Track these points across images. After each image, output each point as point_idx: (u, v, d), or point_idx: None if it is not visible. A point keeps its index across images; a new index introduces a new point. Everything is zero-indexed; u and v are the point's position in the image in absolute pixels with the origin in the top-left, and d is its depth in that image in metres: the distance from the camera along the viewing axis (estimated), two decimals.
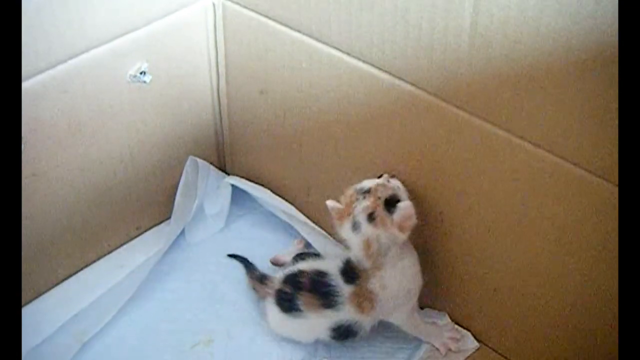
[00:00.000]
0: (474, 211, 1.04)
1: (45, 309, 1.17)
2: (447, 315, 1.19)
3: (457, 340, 1.15)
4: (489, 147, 0.95)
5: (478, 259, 1.08)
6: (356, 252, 1.04)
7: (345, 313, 1.07)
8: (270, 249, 1.32)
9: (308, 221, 1.30)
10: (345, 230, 1.04)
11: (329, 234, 1.27)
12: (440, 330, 1.15)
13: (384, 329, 1.16)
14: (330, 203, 1.05)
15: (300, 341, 1.17)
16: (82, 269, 1.25)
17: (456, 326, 1.18)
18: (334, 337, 1.11)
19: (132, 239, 1.32)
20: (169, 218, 1.33)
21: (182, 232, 1.34)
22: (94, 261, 1.27)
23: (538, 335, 1.07)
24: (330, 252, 1.22)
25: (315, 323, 1.10)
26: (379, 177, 1.06)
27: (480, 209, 1.03)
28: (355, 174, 1.17)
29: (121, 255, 1.29)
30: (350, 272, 1.07)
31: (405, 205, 1.00)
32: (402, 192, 1.05)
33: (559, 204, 0.92)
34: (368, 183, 1.04)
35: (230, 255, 1.31)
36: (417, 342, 1.16)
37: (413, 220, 1.01)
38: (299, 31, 1.09)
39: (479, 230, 1.05)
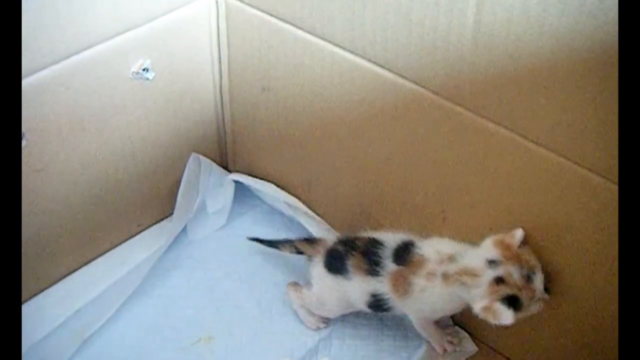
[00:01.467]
0: (476, 210, 1.04)
1: (46, 306, 1.17)
2: (449, 317, 1.19)
3: (454, 344, 1.15)
4: (491, 145, 0.95)
5: None
6: None
7: (384, 286, 1.07)
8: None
9: (314, 215, 1.30)
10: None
11: (333, 227, 1.27)
12: (442, 333, 1.15)
13: (384, 326, 1.16)
14: None
15: (333, 313, 1.19)
16: (83, 265, 1.25)
17: (457, 328, 1.18)
18: (370, 305, 1.11)
19: (133, 235, 1.32)
20: (170, 215, 1.33)
21: (184, 230, 1.34)
22: (96, 258, 1.27)
23: (539, 335, 1.07)
24: None
25: (357, 286, 1.10)
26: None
27: (483, 208, 1.03)
28: (356, 171, 1.17)
29: (123, 252, 1.29)
30: (402, 254, 1.07)
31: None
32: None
33: (561, 203, 0.92)
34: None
35: (254, 239, 1.30)
36: (418, 341, 1.16)
37: None
38: (301, 29, 1.09)
39: (480, 229, 1.04)
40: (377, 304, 1.09)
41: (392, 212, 1.17)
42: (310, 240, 1.22)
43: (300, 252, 1.22)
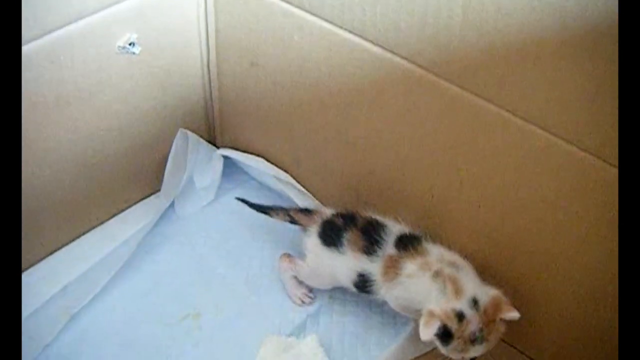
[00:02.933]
0: (464, 187, 1.04)
1: (33, 282, 1.16)
2: None
3: None
4: (481, 122, 0.95)
5: (468, 234, 1.07)
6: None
7: (374, 267, 1.07)
8: (259, 223, 1.31)
9: (303, 189, 1.30)
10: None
11: (322, 203, 1.27)
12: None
13: (372, 303, 1.16)
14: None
15: (324, 285, 1.19)
16: (70, 242, 1.24)
17: None
18: (355, 284, 1.11)
19: (120, 211, 1.32)
20: (158, 191, 1.33)
21: (172, 205, 1.34)
22: (83, 234, 1.26)
23: (529, 312, 1.07)
24: None
25: (347, 262, 1.10)
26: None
27: (471, 185, 1.03)
28: (345, 147, 1.17)
29: (110, 228, 1.29)
30: (406, 242, 1.07)
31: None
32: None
33: (550, 181, 0.92)
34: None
35: (242, 200, 1.29)
36: (406, 317, 1.16)
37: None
38: (290, 3, 1.08)
39: (470, 206, 1.04)
40: (362, 284, 1.09)
41: (380, 189, 1.17)
42: (306, 211, 1.22)
43: (293, 222, 1.21)
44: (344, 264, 1.10)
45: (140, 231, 1.26)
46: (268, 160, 1.34)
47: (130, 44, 1.11)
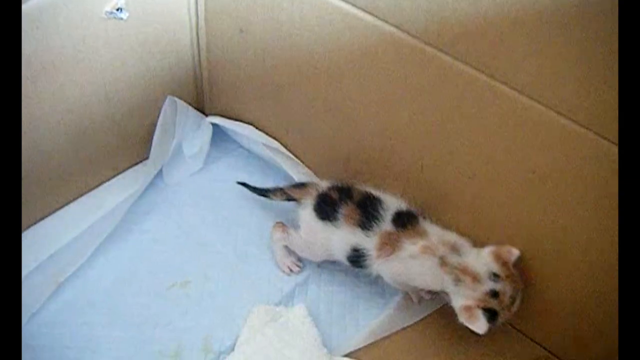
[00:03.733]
0: (455, 158, 1.03)
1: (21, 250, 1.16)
2: None
3: (432, 293, 1.15)
4: (472, 92, 0.94)
5: (459, 207, 1.07)
6: None
7: (369, 241, 1.07)
8: (248, 191, 1.31)
9: (292, 156, 1.30)
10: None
11: (311, 169, 1.26)
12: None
13: (361, 273, 1.16)
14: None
15: (316, 257, 1.19)
16: (57, 209, 1.23)
17: None
18: (349, 258, 1.11)
19: (108, 179, 1.31)
20: (146, 159, 1.32)
21: (160, 173, 1.33)
22: (70, 202, 1.25)
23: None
24: None
25: (342, 236, 1.10)
26: None
27: (462, 156, 1.02)
28: (334, 115, 1.16)
29: (97, 196, 1.28)
30: (404, 219, 1.07)
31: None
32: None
33: (542, 153, 0.92)
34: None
35: (242, 184, 1.30)
36: (395, 288, 1.16)
37: None
38: None
39: (460, 177, 1.04)
40: (356, 259, 1.10)
41: (369, 158, 1.17)
42: (300, 185, 1.22)
43: (290, 199, 1.21)
44: (338, 237, 1.11)
45: (128, 199, 1.25)
46: (257, 128, 1.33)
47: (117, 9, 1.09)
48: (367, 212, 1.08)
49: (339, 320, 1.16)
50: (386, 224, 1.07)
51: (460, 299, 0.99)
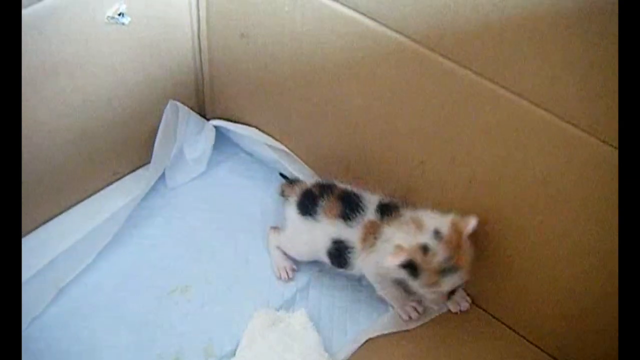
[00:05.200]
0: (456, 162, 1.03)
1: (22, 255, 1.16)
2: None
3: (419, 312, 1.15)
4: (474, 97, 0.94)
5: (458, 210, 1.07)
6: None
7: (351, 232, 1.08)
8: (249, 195, 1.31)
9: (297, 158, 1.30)
10: None
11: (317, 173, 1.27)
12: (405, 299, 1.14)
13: (362, 278, 1.16)
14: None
15: (301, 256, 1.20)
16: (59, 214, 1.23)
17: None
18: (330, 253, 1.12)
19: (110, 184, 1.31)
20: (147, 163, 1.32)
21: (162, 178, 1.33)
22: (72, 206, 1.25)
23: (521, 289, 1.08)
24: None
25: (324, 229, 1.11)
26: None
27: (463, 160, 1.02)
28: (336, 119, 1.16)
29: (99, 200, 1.28)
30: (386, 209, 1.08)
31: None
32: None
33: (542, 157, 0.92)
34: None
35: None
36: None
37: None
38: None
39: (460, 181, 1.04)
40: (337, 253, 1.10)
41: (371, 162, 1.17)
42: (290, 182, 1.24)
43: (283, 194, 1.23)
44: (320, 232, 1.11)
45: (130, 203, 1.25)
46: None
47: (119, 14, 1.09)
48: (349, 204, 1.09)
49: (340, 324, 1.16)
50: (370, 214, 1.08)
51: (397, 241, 0.99)
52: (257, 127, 1.33)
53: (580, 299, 1.00)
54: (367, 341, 1.11)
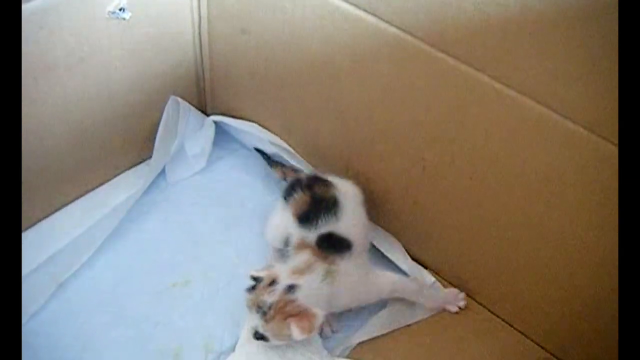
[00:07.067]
0: (456, 158, 1.03)
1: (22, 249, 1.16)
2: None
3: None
4: (474, 93, 0.94)
5: (460, 207, 1.07)
6: None
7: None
8: (249, 191, 1.31)
9: (296, 153, 1.30)
10: None
11: (315, 168, 1.27)
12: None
13: None
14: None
15: (274, 241, 1.19)
16: (59, 209, 1.23)
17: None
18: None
19: (110, 179, 1.31)
20: (148, 158, 1.32)
21: (162, 173, 1.33)
22: (72, 201, 1.25)
23: (520, 286, 1.08)
24: None
25: (285, 219, 1.13)
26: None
27: (464, 157, 1.02)
28: (336, 115, 1.16)
29: (99, 195, 1.28)
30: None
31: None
32: None
33: (543, 154, 0.92)
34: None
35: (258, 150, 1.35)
36: None
37: None
38: None
39: (461, 178, 1.04)
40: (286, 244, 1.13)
41: (371, 159, 1.17)
42: (294, 169, 1.27)
43: (285, 179, 1.26)
44: (283, 217, 1.13)
45: (130, 198, 1.25)
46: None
47: (120, 9, 1.09)
48: (312, 211, 1.09)
49: (340, 318, 1.16)
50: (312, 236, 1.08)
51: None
52: (257, 123, 1.33)
53: (580, 296, 1.00)
54: (366, 339, 1.11)
